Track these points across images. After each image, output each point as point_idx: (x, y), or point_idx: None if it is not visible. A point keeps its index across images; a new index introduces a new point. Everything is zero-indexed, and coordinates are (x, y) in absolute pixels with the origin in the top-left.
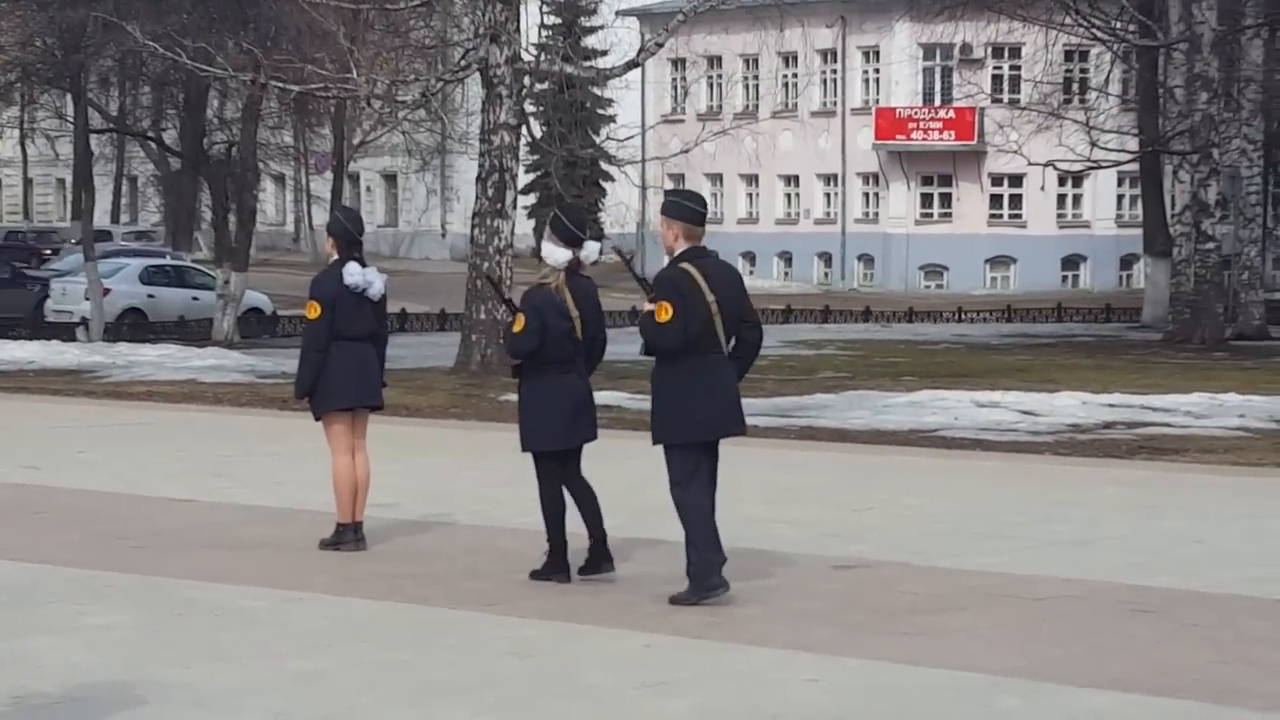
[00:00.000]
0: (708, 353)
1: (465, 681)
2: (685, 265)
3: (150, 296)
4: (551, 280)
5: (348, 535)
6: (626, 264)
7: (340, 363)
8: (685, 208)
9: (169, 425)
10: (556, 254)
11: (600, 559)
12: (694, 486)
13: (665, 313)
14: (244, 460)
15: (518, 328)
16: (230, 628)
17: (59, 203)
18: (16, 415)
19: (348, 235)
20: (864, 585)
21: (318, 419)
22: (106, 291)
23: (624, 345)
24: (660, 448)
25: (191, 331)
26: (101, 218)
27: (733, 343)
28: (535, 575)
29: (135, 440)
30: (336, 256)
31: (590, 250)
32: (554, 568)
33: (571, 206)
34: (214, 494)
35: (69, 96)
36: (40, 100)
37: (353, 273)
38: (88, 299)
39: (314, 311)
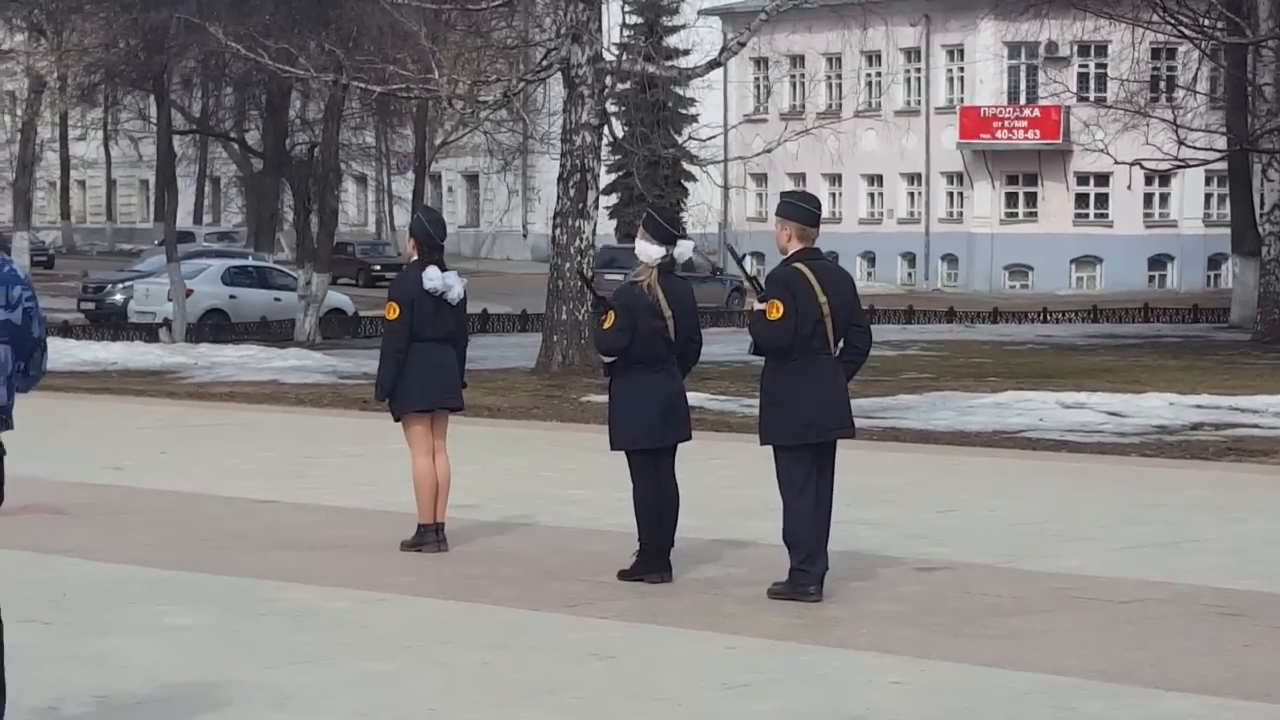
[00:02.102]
0: (818, 354)
1: (546, 683)
2: (799, 265)
3: (232, 297)
4: (644, 278)
5: (429, 536)
6: (738, 262)
7: (419, 365)
8: (799, 208)
9: (250, 426)
10: (650, 251)
11: (657, 566)
12: (801, 489)
13: (776, 311)
14: (325, 461)
15: (607, 324)
16: (311, 629)
17: (142, 204)
18: (100, 416)
19: (429, 238)
20: (947, 587)
21: (397, 420)
22: (189, 292)
23: (707, 345)
24: (767, 449)
25: (273, 332)
26: (184, 219)
27: (841, 345)
28: (623, 575)
29: (217, 441)
30: (417, 258)
31: (684, 249)
32: (643, 568)
33: (664, 206)
34: (295, 495)
35: (152, 98)
36: (123, 102)
37: (432, 276)
38: (170, 300)
39: (393, 313)
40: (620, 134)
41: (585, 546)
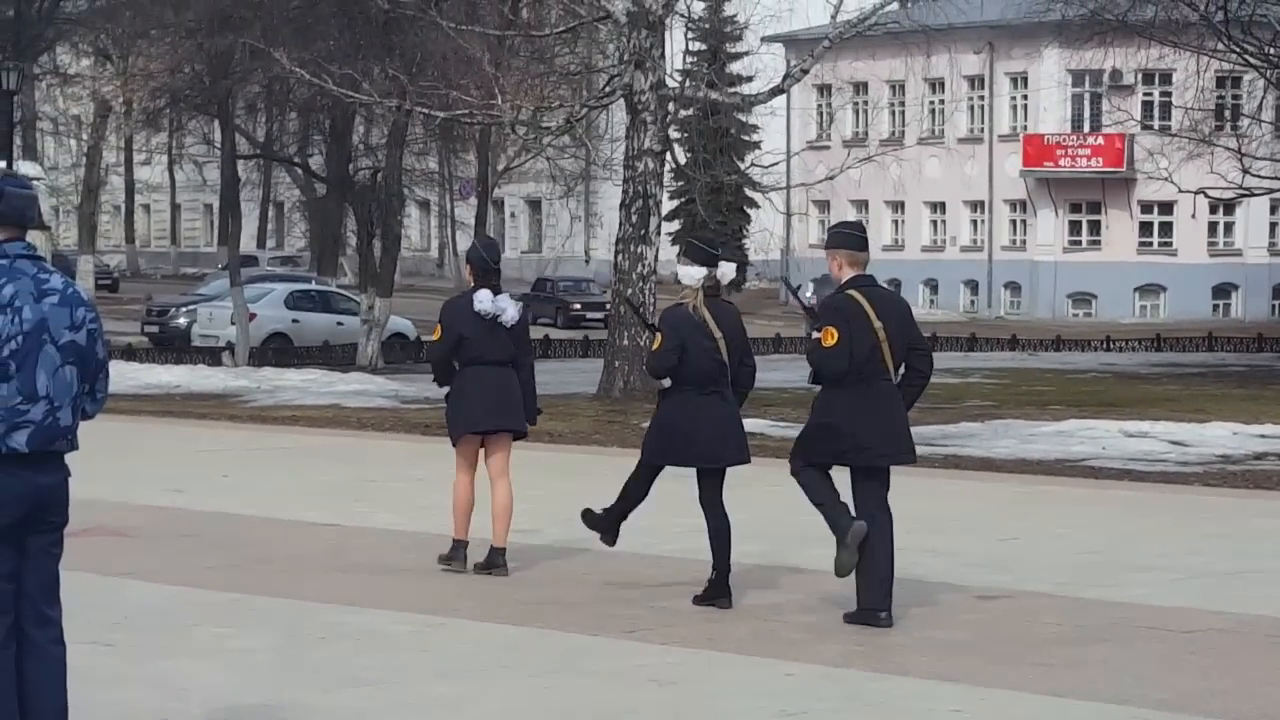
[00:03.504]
0: (875, 379)
1: (606, 709)
2: (852, 292)
3: (295, 321)
4: (690, 299)
5: (460, 553)
6: (793, 292)
7: (473, 388)
8: (845, 235)
9: (312, 450)
10: (691, 273)
11: (719, 593)
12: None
13: (831, 337)
14: (387, 485)
15: (655, 345)
16: (372, 652)
17: (206, 228)
18: (163, 439)
19: (483, 264)
20: (1008, 616)
21: (454, 444)
22: (252, 316)
23: (767, 372)
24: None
25: (336, 356)
26: (248, 243)
27: (902, 371)
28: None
29: (279, 464)
30: (473, 283)
31: (726, 270)
32: (608, 524)
33: (703, 230)
34: (357, 519)
35: (216, 123)
36: (188, 126)
37: (482, 300)
38: (233, 323)
39: (436, 334)
40: (683, 160)
41: (645, 572)
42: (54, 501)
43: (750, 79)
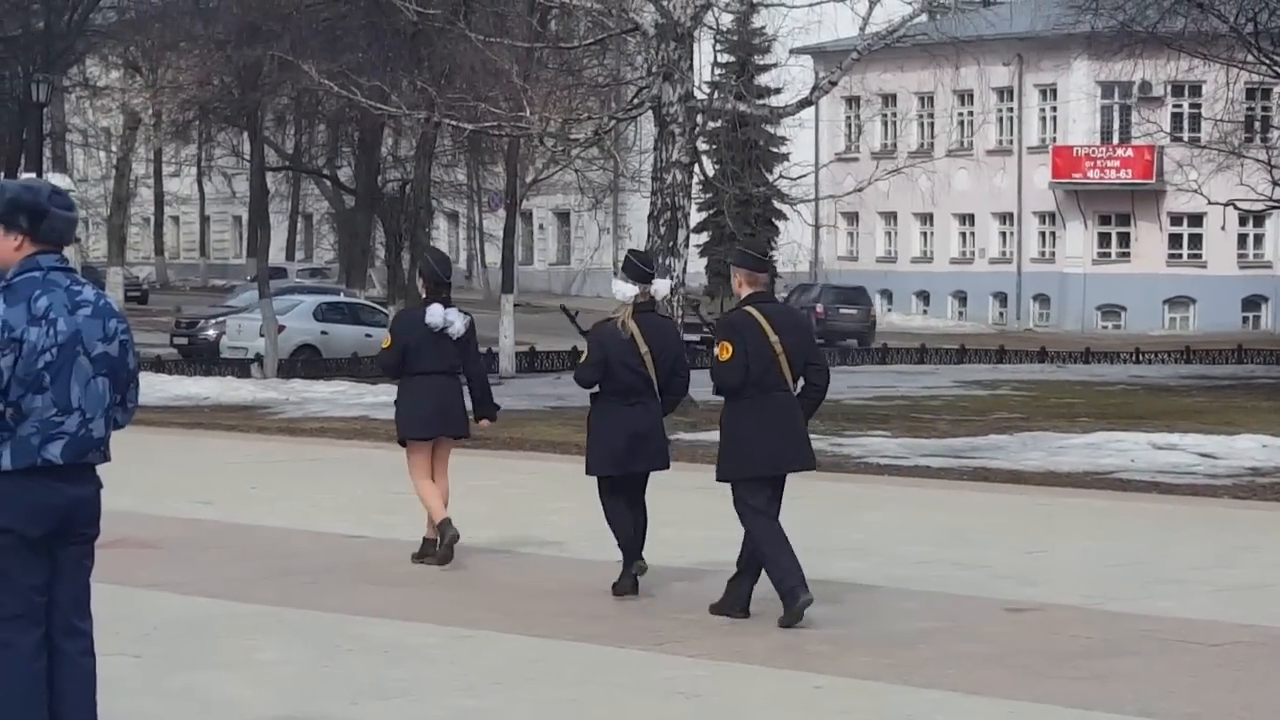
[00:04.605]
0: (772, 391)
1: None
2: (748, 309)
3: (324, 333)
4: (619, 315)
5: (431, 549)
6: (694, 310)
7: (419, 395)
8: (744, 255)
9: (341, 461)
10: (624, 289)
11: (626, 573)
12: (762, 513)
13: (726, 352)
14: (414, 497)
15: (582, 359)
16: (399, 664)
17: (235, 240)
18: (191, 451)
19: (436, 277)
20: (1036, 628)
21: (402, 444)
22: (281, 328)
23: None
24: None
25: (364, 368)
26: (276, 255)
27: (800, 384)
28: (615, 588)
29: (307, 476)
30: (425, 295)
31: (660, 287)
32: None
33: (639, 250)
34: (385, 530)
35: (245, 135)
36: (217, 138)
37: (434, 314)
38: (262, 335)
39: (386, 343)
40: (711, 172)
41: (671, 584)
42: (86, 513)
43: (779, 91)
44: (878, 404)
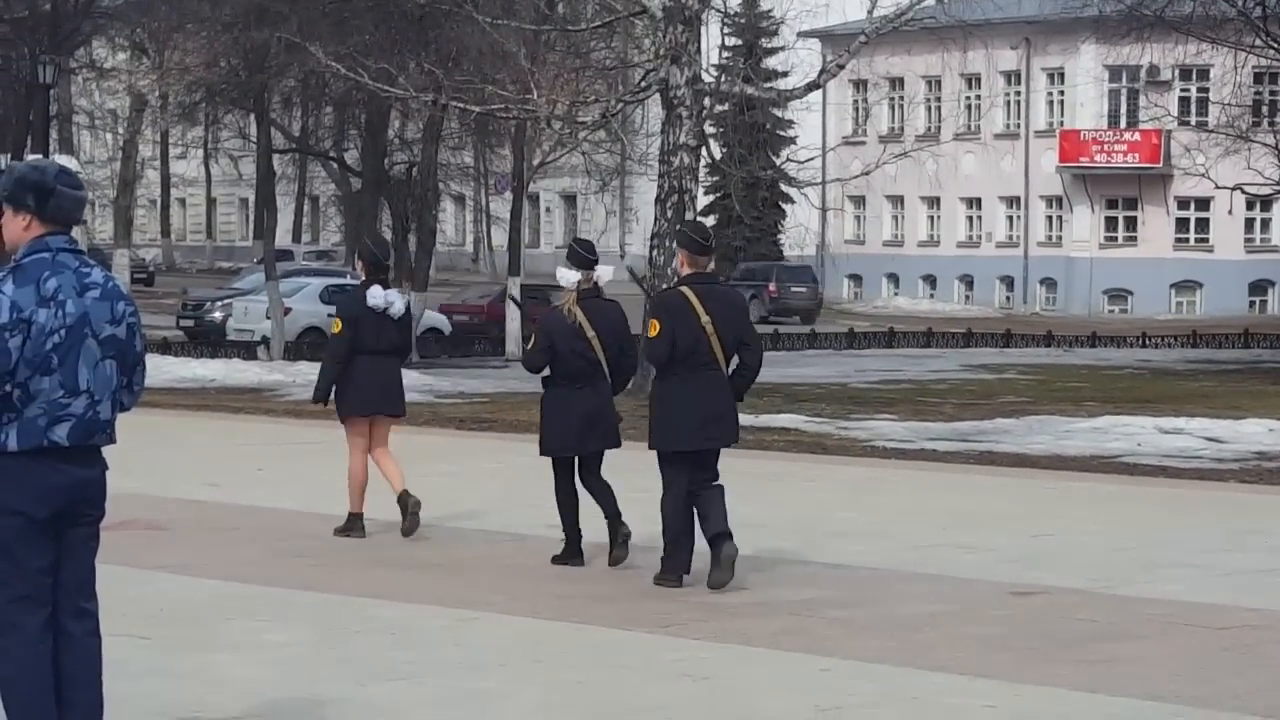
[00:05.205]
0: (701, 369)
1: (639, 703)
2: (683, 288)
3: (330, 316)
4: (564, 303)
5: (358, 525)
6: (639, 283)
7: (363, 375)
8: (687, 237)
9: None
10: (568, 276)
11: (614, 542)
12: (679, 490)
13: (654, 329)
14: (421, 480)
15: (531, 345)
16: (407, 646)
17: (241, 222)
18: (198, 433)
19: (375, 260)
20: (1042, 611)
21: (342, 421)
22: (287, 311)
23: (801, 368)
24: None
25: None
26: (283, 237)
27: (734, 363)
28: (555, 560)
29: (314, 458)
30: (365, 278)
31: (604, 273)
32: (570, 553)
33: (583, 238)
34: (391, 513)
35: (252, 117)
36: (224, 121)
37: (375, 295)
38: (269, 318)
39: (336, 327)
40: (718, 155)
41: None
42: (92, 495)
43: (786, 74)
44: (884, 388)
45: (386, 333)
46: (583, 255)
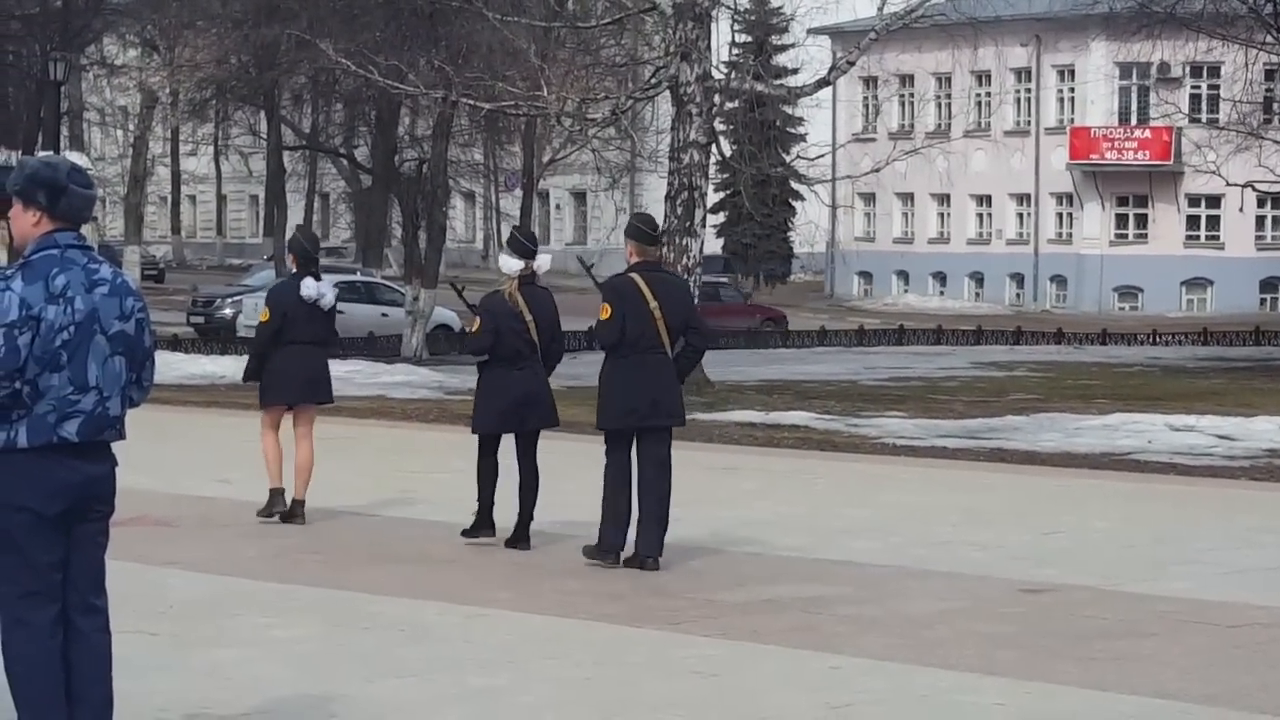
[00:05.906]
0: (648, 352)
1: (648, 700)
2: (632, 274)
3: (340, 312)
4: (506, 288)
5: (279, 502)
6: (588, 271)
7: (290, 364)
8: (636, 228)
9: (356, 440)
10: (510, 264)
11: (520, 537)
12: (619, 468)
13: (605, 313)
14: (430, 476)
15: (474, 328)
16: (415, 643)
17: (251, 219)
18: (208, 429)
19: (305, 253)
20: (1052, 609)
21: (261, 407)
22: None
23: (812, 365)
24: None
25: (380, 347)
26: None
27: (680, 345)
28: (465, 533)
29: (322, 455)
30: (296, 270)
31: (543, 262)
32: (480, 525)
33: (523, 227)
34: (400, 509)
35: (262, 114)
36: (234, 117)
37: (308, 286)
38: None
39: (265, 316)
40: (728, 152)
41: (688, 563)
42: (102, 491)
43: (796, 71)
44: (894, 385)
45: (315, 324)
46: (525, 245)
